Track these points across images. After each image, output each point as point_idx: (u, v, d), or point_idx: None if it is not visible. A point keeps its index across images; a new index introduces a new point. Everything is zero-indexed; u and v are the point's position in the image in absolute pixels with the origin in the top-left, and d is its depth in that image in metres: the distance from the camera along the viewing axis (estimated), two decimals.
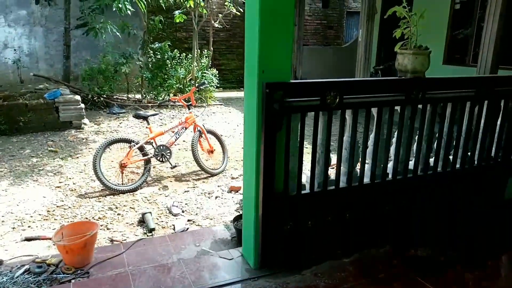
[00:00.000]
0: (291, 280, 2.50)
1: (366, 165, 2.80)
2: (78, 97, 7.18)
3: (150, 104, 9.06)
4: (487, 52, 4.76)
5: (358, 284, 2.50)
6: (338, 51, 12.83)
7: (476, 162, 3.22)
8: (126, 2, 7.56)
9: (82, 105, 7.12)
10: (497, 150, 3.28)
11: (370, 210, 2.86)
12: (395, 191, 2.93)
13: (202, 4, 9.22)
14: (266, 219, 2.49)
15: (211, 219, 3.75)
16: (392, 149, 2.88)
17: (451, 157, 3.10)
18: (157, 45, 9.48)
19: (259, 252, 2.56)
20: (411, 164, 2.97)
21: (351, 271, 2.62)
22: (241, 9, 9.89)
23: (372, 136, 2.78)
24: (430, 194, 3.07)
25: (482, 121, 3.12)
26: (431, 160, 3.04)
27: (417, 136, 2.90)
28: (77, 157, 5.47)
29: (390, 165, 2.93)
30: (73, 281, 2.54)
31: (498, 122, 3.22)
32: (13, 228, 3.47)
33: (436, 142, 3.01)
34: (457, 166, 3.14)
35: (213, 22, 10.23)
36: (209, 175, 4.89)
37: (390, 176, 2.89)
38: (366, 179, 2.82)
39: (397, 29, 2.74)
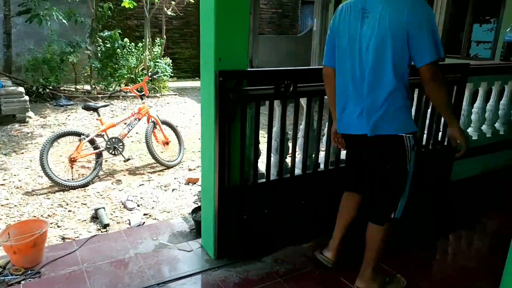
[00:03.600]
0: (252, 268, 2.51)
1: (321, 153, 2.85)
2: (21, 89, 6.76)
3: (100, 95, 8.71)
4: None
5: (317, 268, 2.55)
6: (294, 40, 12.95)
7: (423, 147, 3.36)
8: None
9: (26, 97, 6.72)
10: (443, 135, 3.44)
11: (324, 196, 2.91)
12: None
13: None
14: (222, 210, 2.48)
15: (168, 212, 3.68)
16: None
17: None
18: (106, 33, 9.09)
19: (218, 242, 2.55)
20: None
21: (310, 256, 2.67)
22: None
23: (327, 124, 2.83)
24: None
25: (430, 106, 3.25)
26: None
27: None
28: (22, 153, 5.17)
29: (343, 152, 3.00)
30: (23, 282, 2.41)
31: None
32: None
33: None
34: None
35: (165, 9, 9.96)
36: (164, 168, 4.79)
37: (343, 163, 2.96)
38: (321, 166, 2.87)
39: None
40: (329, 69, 2.24)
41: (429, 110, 3.24)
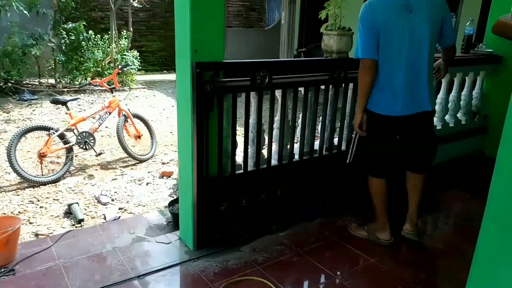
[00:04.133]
0: (231, 257, 2.56)
1: (296, 144, 2.93)
2: None
3: (65, 89, 8.46)
4: None
5: (294, 255, 2.64)
6: (262, 34, 12.99)
7: None
8: None
9: None
10: None
11: (299, 186, 3.00)
12: (322, 166, 3.10)
13: None
14: (200, 201, 2.51)
15: (144, 206, 3.66)
16: (319, 127, 3.03)
17: None
18: (70, 25, 8.81)
19: (197, 233, 2.58)
20: (335, 141, 3.16)
21: (287, 244, 2.76)
22: None
23: (300, 116, 2.91)
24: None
25: None
26: (342, 138, 3.23)
27: (340, 114, 3.08)
28: None
29: (317, 143, 3.09)
30: None
31: None
32: None
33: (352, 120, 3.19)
34: None
35: (131, 1, 9.75)
36: (137, 162, 4.75)
37: (317, 153, 3.05)
38: (296, 157, 2.95)
39: (322, 10, 2.86)
40: (373, 61, 2.44)
41: None
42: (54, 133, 4.15)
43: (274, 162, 2.84)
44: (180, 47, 2.38)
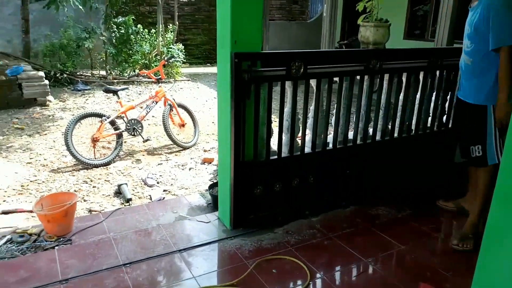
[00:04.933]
0: (265, 238, 2.72)
1: (329, 133, 3.02)
2: (41, 73, 7.01)
3: (115, 80, 8.94)
4: (444, 28, 5.05)
5: (325, 238, 2.75)
6: (304, 26, 12.97)
7: (428, 129, 3.50)
8: None
9: (46, 82, 6.97)
10: (448, 117, 3.58)
11: (332, 173, 3.09)
12: (356, 155, 3.17)
13: None
14: (237, 184, 2.67)
15: (186, 188, 3.90)
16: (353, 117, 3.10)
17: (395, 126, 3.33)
18: (120, 19, 9.27)
19: (234, 214, 2.76)
20: (370, 131, 3.22)
21: (319, 228, 2.88)
22: None
23: (340, 105, 2.99)
24: (388, 158, 3.34)
25: (435, 90, 3.39)
26: (377, 128, 3.26)
27: (375, 105, 3.13)
28: (45, 134, 5.43)
29: (351, 132, 3.17)
30: (57, 247, 2.64)
31: (450, 92, 3.49)
32: None
33: (388, 111, 3.23)
34: (412, 132, 3.42)
35: None
36: (181, 149, 5.01)
37: (351, 142, 3.13)
38: (330, 146, 3.04)
39: (360, 2, 2.93)
40: None
41: (434, 93, 3.37)
42: (106, 120, 4.48)
43: (307, 149, 2.95)
44: (221, 39, 2.54)
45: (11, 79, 6.60)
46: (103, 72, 9.37)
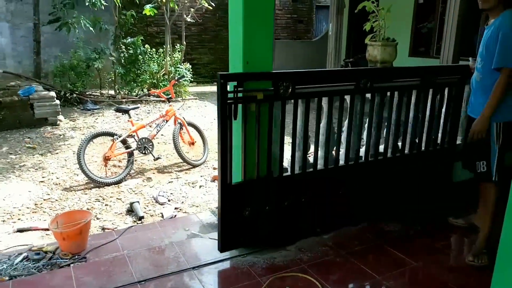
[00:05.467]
0: (277, 255, 2.74)
1: (319, 152, 2.96)
2: (53, 93, 7.14)
3: (124, 100, 9.06)
4: (449, 45, 5.12)
5: (337, 256, 2.77)
6: (309, 45, 13.14)
7: (423, 148, 3.41)
8: None
9: (57, 101, 7.09)
10: (443, 136, 3.48)
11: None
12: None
13: None
14: (225, 206, 2.61)
15: (197, 206, 3.93)
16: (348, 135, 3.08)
17: (400, 143, 3.29)
18: (129, 40, 9.46)
19: (221, 238, 2.70)
20: (381, 148, 3.25)
21: (331, 245, 2.89)
22: (212, 3, 10.00)
23: (346, 123, 3.02)
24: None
25: (428, 108, 3.32)
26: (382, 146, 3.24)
27: (366, 123, 3.10)
28: (57, 153, 5.50)
29: (362, 149, 3.19)
30: (72, 265, 2.68)
31: (443, 110, 3.41)
32: (3, 221, 3.54)
33: (385, 129, 3.21)
34: (406, 151, 3.32)
35: (185, 16, 10.28)
36: (191, 166, 5.06)
37: (362, 159, 3.15)
38: (341, 162, 3.07)
39: (367, 22, 3.00)
40: None
41: (428, 113, 3.34)
42: (117, 139, 4.55)
43: (320, 166, 2.98)
44: (233, 60, 2.61)
45: (23, 99, 6.73)
46: (112, 92, 9.51)
